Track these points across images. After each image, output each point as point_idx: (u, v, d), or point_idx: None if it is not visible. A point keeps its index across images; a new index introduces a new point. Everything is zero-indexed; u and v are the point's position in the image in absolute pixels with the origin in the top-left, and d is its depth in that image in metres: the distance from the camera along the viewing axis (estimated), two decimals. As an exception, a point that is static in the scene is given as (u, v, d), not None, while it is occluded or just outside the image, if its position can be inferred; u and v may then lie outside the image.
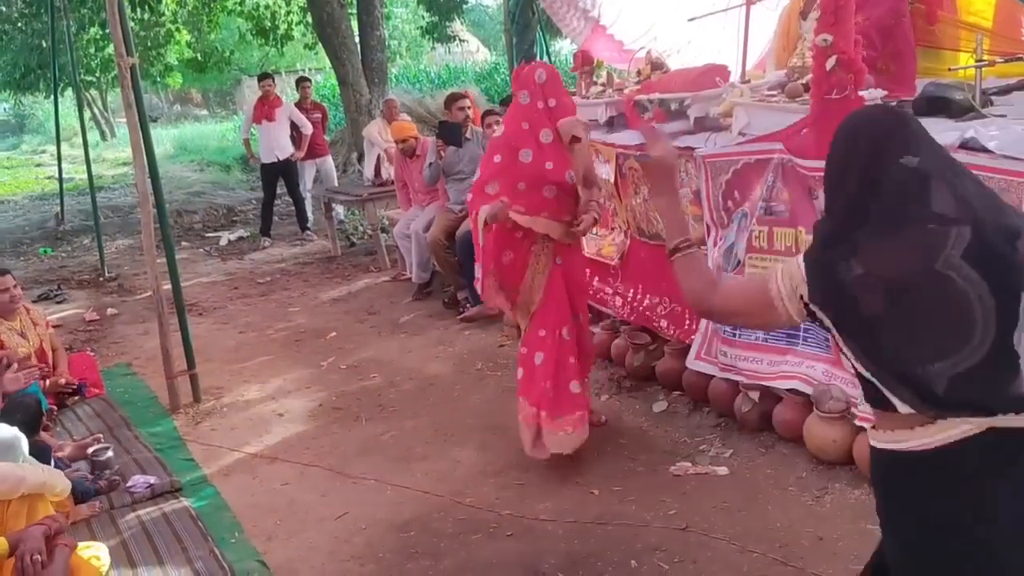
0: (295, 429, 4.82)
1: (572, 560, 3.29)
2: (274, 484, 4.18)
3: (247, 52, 27.16)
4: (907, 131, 1.89)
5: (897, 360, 1.70)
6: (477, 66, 25.07)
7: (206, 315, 7.35)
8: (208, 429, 4.91)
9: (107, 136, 27.75)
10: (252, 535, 3.70)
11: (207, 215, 12.67)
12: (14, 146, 30.68)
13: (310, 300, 7.63)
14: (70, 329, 7.11)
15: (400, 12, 27.33)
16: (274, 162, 9.91)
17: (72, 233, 11.83)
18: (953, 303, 1.64)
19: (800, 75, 4.08)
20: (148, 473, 4.21)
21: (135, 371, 5.99)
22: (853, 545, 3.18)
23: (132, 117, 4.81)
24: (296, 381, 5.58)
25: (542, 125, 3.89)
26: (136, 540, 3.66)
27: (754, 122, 4.17)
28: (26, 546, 2.77)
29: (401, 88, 19.49)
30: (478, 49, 32.48)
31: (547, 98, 3.89)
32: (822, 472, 3.70)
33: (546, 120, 3.89)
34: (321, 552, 3.54)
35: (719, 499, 3.61)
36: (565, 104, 3.94)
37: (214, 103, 36.78)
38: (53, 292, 8.46)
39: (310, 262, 9.15)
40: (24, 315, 5.27)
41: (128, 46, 4.76)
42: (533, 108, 3.91)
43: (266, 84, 9.93)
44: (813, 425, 3.75)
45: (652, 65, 5.31)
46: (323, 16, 11.81)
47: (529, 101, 3.92)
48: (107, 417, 5.00)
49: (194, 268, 9.26)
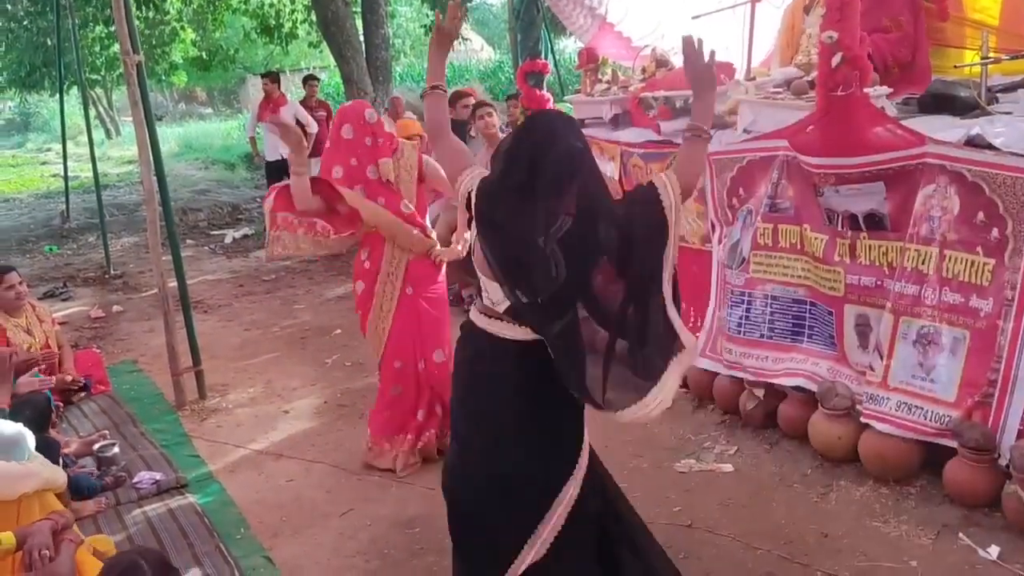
0: (300, 426, 4.82)
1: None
2: (279, 481, 4.19)
3: (252, 50, 27.15)
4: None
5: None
6: (481, 64, 25.11)
7: (211, 312, 7.36)
8: (214, 426, 4.92)
9: (112, 134, 27.78)
10: (258, 531, 3.70)
11: (212, 213, 12.69)
12: (19, 144, 30.71)
13: (315, 297, 7.64)
14: (76, 326, 7.12)
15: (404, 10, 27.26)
16: (279, 160, 9.91)
17: (77, 231, 11.85)
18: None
19: (805, 72, 4.08)
20: (154, 469, 4.22)
21: (141, 368, 6.00)
22: (858, 542, 3.19)
23: (138, 114, 4.81)
24: (301, 378, 5.58)
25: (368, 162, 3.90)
26: (142, 536, 3.67)
27: (759, 119, 4.17)
28: (33, 540, 2.77)
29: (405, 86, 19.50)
30: (482, 47, 32.49)
31: (373, 135, 3.90)
32: (827, 469, 3.70)
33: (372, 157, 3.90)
34: (326, 548, 3.55)
35: (724, 496, 3.61)
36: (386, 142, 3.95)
37: (219, 101, 36.82)
38: (59, 289, 8.47)
39: (315, 260, 9.13)
40: (30, 312, 5.28)
41: (134, 43, 4.77)
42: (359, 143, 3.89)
43: (265, 83, 9.94)
44: (818, 422, 3.75)
45: (657, 62, 5.31)
46: (327, 14, 11.78)
47: (353, 136, 3.89)
48: (113, 414, 5.01)
49: (199, 266, 9.27)
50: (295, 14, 17.24)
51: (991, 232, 3.22)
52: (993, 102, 3.82)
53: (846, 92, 3.44)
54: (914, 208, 3.48)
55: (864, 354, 3.75)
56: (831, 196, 3.74)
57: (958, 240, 3.33)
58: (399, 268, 4.03)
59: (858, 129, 3.50)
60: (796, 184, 3.95)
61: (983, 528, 3.16)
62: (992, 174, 3.19)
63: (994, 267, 3.21)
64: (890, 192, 3.56)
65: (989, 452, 3.18)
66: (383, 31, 12.76)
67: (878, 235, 3.65)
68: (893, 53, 4.36)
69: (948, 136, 3.40)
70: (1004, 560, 2.98)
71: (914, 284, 3.48)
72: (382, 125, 3.99)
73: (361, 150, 3.89)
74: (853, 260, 3.74)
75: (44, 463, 3.21)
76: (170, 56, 22.23)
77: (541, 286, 2.21)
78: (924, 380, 3.43)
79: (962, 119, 3.64)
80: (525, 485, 2.46)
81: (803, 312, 4.03)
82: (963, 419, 3.26)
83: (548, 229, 2.20)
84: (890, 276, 3.60)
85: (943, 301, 3.38)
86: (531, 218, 2.19)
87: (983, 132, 3.29)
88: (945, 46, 4.64)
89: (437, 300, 4.15)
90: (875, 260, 3.67)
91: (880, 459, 3.49)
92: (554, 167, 2.19)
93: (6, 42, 20.76)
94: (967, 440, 3.20)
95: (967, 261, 3.30)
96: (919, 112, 3.95)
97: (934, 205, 3.40)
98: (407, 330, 4.05)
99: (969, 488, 3.25)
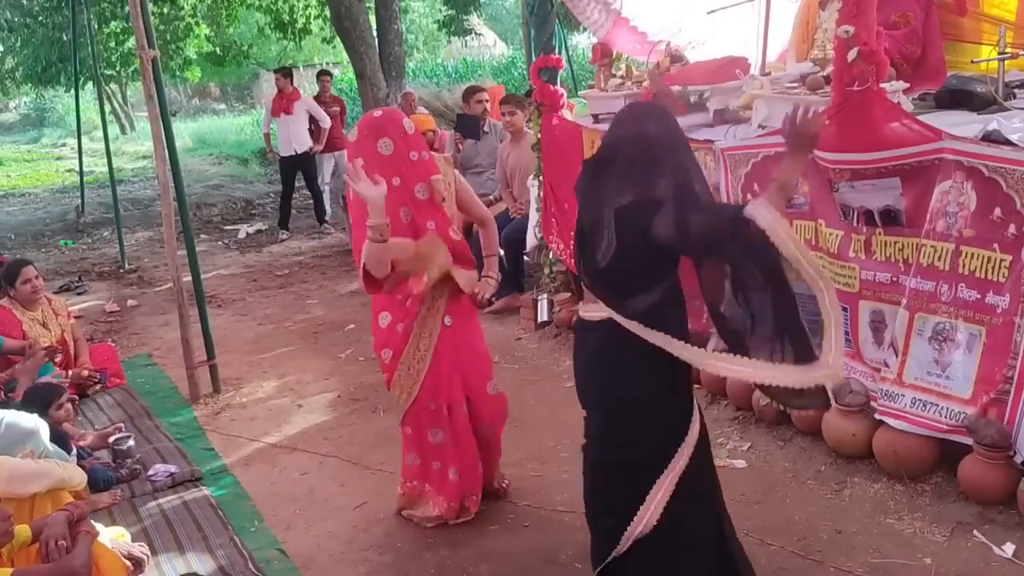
0: (314, 420, 4.84)
1: (589, 552, 3.29)
2: (293, 474, 4.20)
3: (265, 46, 27.20)
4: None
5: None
6: (494, 60, 25.05)
7: (225, 307, 7.39)
8: (228, 419, 4.94)
9: (127, 130, 27.91)
10: (272, 524, 3.73)
11: (226, 208, 12.74)
12: (35, 139, 30.91)
13: (328, 293, 7.66)
14: (91, 320, 7.18)
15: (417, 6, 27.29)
16: (292, 155, 9.94)
17: (92, 225, 11.92)
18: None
19: (821, 67, 4.06)
20: (169, 462, 4.25)
21: (156, 361, 6.04)
22: (871, 539, 3.18)
23: (153, 109, 4.83)
24: (314, 372, 5.61)
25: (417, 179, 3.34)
26: (157, 528, 3.70)
27: (774, 114, 4.14)
28: (50, 531, 2.80)
29: (418, 82, 19.52)
30: (495, 43, 32.44)
31: (418, 149, 3.36)
32: (841, 466, 3.68)
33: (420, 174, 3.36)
34: (340, 541, 3.56)
35: (737, 492, 3.59)
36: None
37: (232, 97, 36.91)
38: (74, 283, 8.53)
39: (328, 255, 9.18)
40: (46, 306, 5.33)
41: (149, 38, 4.79)
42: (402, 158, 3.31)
43: (279, 79, 9.97)
44: (832, 419, 3.73)
45: (672, 57, 5.28)
46: (341, 10, 11.80)
47: (394, 151, 3.28)
48: (128, 407, 5.05)
49: (213, 260, 9.31)
50: (309, 10, 17.28)
51: (1008, 228, 3.19)
52: (1010, 98, 3.80)
53: (862, 87, 3.41)
54: (930, 204, 3.45)
55: (879, 350, 3.74)
56: (846, 192, 3.72)
57: (974, 236, 3.30)
58: (442, 298, 3.47)
59: (874, 124, 3.48)
60: (811, 179, 3.93)
61: (998, 525, 3.15)
62: (1009, 170, 3.17)
63: (1011, 263, 3.19)
64: (906, 188, 3.54)
65: (1005, 449, 3.16)
66: (396, 26, 12.77)
67: (894, 231, 3.63)
68: (900, 50, 4.33)
69: (965, 132, 3.37)
70: (1019, 558, 2.97)
71: (930, 280, 3.45)
72: (421, 136, 3.50)
73: (405, 166, 3.31)
74: (868, 256, 3.73)
75: (59, 463, 3.24)
76: (184, 52, 22.28)
77: (601, 253, 2.47)
78: (939, 377, 3.41)
79: (979, 115, 3.61)
80: (635, 458, 2.62)
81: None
82: (978, 416, 3.24)
83: (615, 202, 2.45)
84: (905, 272, 3.58)
85: (959, 297, 3.35)
86: (603, 191, 2.50)
87: (1000, 128, 3.26)
88: (962, 41, 4.61)
89: (475, 327, 3.66)
90: (890, 256, 3.65)
91: (894, 456, 3.47)
92: (626, 148, 2.50)
93: (22, 37, 20.83)
94: (982, 437, 3.18)
95: (983, 257, 3.27)
96: (936, 108, 3.92)
97: (950, 201, 3.37)
98: (446, 366, 3.48)
99: (984, 485, 3.23)
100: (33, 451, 3.15)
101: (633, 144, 2.49)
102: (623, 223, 2.44)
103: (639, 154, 2.46)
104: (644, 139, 2.49)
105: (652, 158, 2.45)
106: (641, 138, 2.49)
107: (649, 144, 2.47)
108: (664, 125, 2.54)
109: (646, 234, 2.41)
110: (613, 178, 2.49)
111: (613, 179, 2.49)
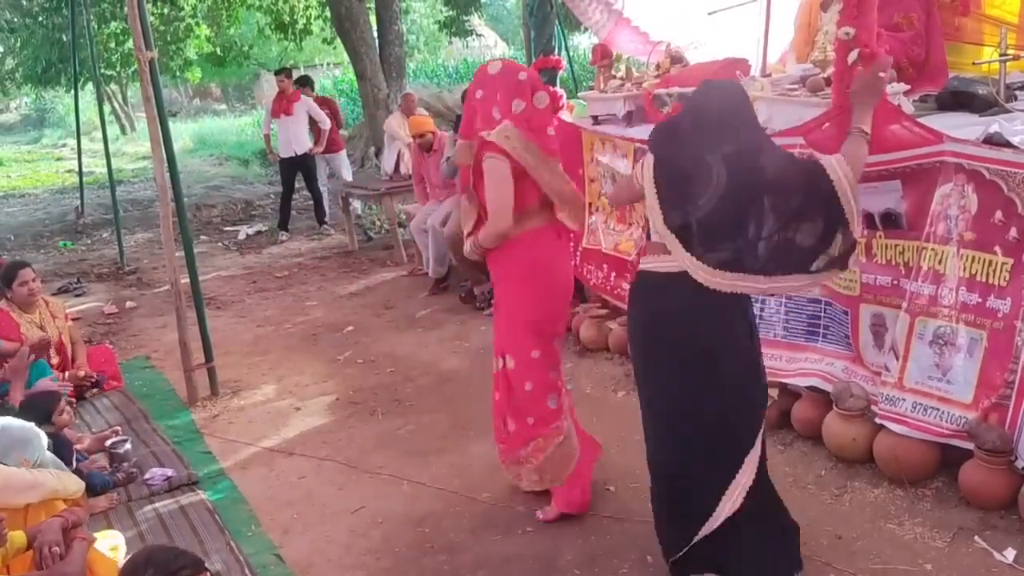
0: (312, 423, 4.82)
1: (590, 556, 3.28)
2: (291, 478, 4.19)
3: (266, 47, 27.22)
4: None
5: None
6: (495, 60, 25.03)
7: (224, 309, 7.38)
8: (225, 422, 4.92)
9: (127, 130, 27.94)
10: (269, 528, 3.71)
11: (225, 209, 12.73)
12: (35, 140, 30.94)
13: (327, 294, 7.64)
14: (89, 322, 7.16)
15: (418, 7, 27.29)
16: (292, 156, 9.93)
17: (92, 226, 11.91)
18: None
19: (822, 68, 4.04)
20: (166, 466, 4.23)
21: (153, 364, 6.02)
22: (872, 544, 3.16)
23: (151, 110, 4.82)
24: (313, 375, 5.59)
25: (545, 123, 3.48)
26: (153, 532, 3.68)
27: (775, 116, 4.13)
28: (44, 538, 2.78)
29: (419, 83, 19.55)
30: (496, 44, 32.45)
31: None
32: (841, 470, 3.66)
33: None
34: (338, 546, 3.54)
35: (737, 496, 3.58)
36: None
37: (233, 97, 36.97)
38: (73, 285, 8.51)
39: (327, 256, 9.17)
40: (44, 308, 5.32)
41: (147, 40, 4.78)
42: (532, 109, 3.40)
43: (279, 80, 9.95)
44: (832, 423, 3.71)
45: (672, 58, 5.27)
46: (341, 11, 11.82)
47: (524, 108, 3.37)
48: (125, 410, 5.03)
49: (212, 262, 9.30)
50: (309, 10, 17.31)
51: (1009, 231, 3.18)
52: (1012, 99, 3.78)
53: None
54: (931, 207, 3.44)
55: (879, 354, 3.72)
56: (847, 194, 3.70)
57: (976, 239, 3.29)
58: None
59: (875, 127, 3.45)
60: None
61: (999, 531, 3.12)
62: (1011, 172, 3.15)
63: (1012, 267, 3.17)
64: (907, 190, 3.52)
65: (1006, 454, 3.14)
66: (397, 27, 12.80)
67: (894, 234, 3.61)
68: (907, 53, 4.31)
69: (966, 134, 3.35)
70: (1020, 563, 2.95)
71: (931, 284, 3.44)
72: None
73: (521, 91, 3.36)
74: (869, 259, 3.71)
75: (54, 472, 3.22)
76: (185, 52, 22.30)
77: (706, 198, 2.61)
78: (940, 381, 3.39)
79: (980, 117, 3.60)
80: (719, 432, 2.75)
81: (818, 312, 4.00)
82: (980, 421, 3.22)
83: (720, 150, 2.62)
84: (906, 276, 3.56)
85: (960, 301, 3.33)
86: (700, 143, 2.67)
87: (1002, 130, 3.24)
88: (963, 43, 4.60)
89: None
90: (891, 259, 3.63)
91: (895, 460, 3.45)
92: (718, 106, 2.72)
93: (22, 38, 20.87)
94: (983, 442, 3.16)
95: (985, 261, 3.26)
96: (937, 110, 3.90)
97: (951, 204, 3.36)
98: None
99: (985, 490, 3.21)
100: (28, 460, 3.13)
101: (728, 101, 2.72)
102: (733, 166, 2.60)
103: (731, 110, 2.70)
104: (736, 97, 2.74)
105: (744, 114, 2.72)
106: (732, 97, 2.74)
107: (739, 103, 2.73)
108: (740, 89, 2.82)
109: (759, 174, 2.60)
110: (709, 132, 2.66)
111: (709, 132, 2.65)
